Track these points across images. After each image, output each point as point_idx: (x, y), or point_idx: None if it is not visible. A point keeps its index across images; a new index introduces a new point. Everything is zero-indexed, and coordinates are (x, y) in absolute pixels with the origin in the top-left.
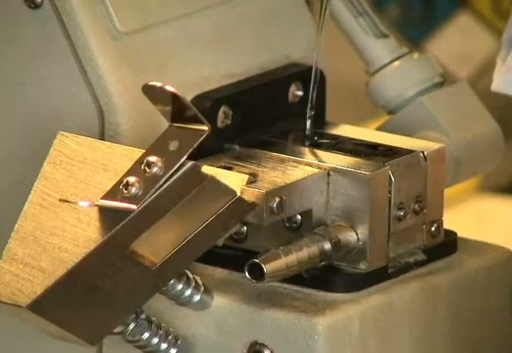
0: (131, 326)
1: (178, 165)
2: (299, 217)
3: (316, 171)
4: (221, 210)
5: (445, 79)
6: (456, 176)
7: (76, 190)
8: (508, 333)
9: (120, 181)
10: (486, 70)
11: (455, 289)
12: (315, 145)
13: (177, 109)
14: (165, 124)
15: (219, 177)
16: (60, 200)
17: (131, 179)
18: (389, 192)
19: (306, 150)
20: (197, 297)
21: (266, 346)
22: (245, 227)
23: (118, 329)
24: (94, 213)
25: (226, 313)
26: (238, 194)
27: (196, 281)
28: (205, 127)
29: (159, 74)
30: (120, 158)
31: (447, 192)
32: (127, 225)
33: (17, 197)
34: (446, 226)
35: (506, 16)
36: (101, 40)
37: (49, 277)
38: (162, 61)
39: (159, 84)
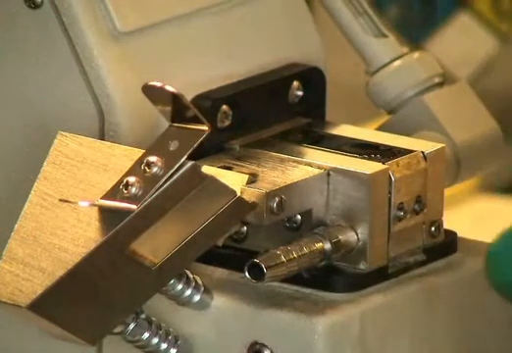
0: (131, 326)
1: (178, 165)
2: (299, 217)
3: (316, 171)
4: (221, 210)
5: (445, 79)
6: (456, 176)
7: (77, 190)
8: (508, 333)
9: (120, 181)
10: (486, 70)
11: (455, 289)
12: (315, 145)
13: (177, 109)
14: (165, 124)
15: (219, 177)
16: (60, 200)
17: (131, 179)
18: (389, 192)
19: (306, 150)
20: (197, 297)
21: (266, 346)
22: (245, 227)
23: (118, 329)
24: (94, 213)
25: (226, 313)
26: (238, 194)
27: (196, 281)
28: (205, 127)
29: (159, 73)
30: (120, 158)
31: (447, 192)
32: (127, 225)
33: (17, 197)
34: (446, 226)
35: (506, 16)
36: (101, 40)
37: (49, 277)
38: (162, 61)
39: (159, 84)
